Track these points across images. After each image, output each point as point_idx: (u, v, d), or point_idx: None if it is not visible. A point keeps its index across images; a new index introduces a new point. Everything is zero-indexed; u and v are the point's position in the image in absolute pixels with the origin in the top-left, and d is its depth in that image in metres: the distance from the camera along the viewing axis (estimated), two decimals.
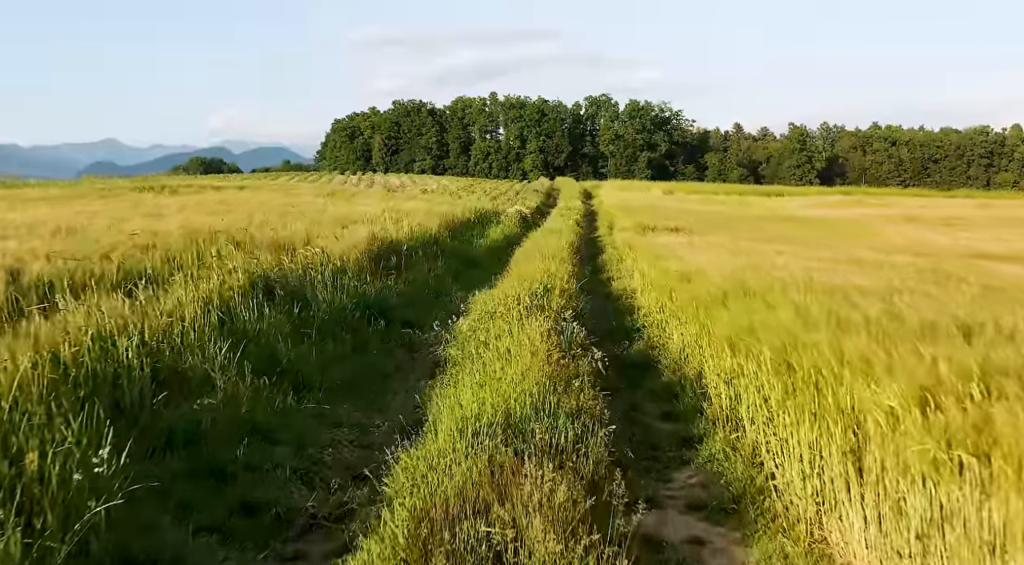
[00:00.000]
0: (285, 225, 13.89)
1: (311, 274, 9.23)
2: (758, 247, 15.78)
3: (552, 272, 12.51)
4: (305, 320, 7.80)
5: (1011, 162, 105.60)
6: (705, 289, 8.04)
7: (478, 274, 16.72)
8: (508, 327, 7.14)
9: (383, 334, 8.77)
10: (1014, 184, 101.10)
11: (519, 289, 9.98)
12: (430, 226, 19.34)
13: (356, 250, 11.99)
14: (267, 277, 8.42)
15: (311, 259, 10.58)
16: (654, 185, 65.04)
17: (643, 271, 13.91)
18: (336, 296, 8.72)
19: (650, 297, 10.77)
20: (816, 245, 18.74)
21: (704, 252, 13.63)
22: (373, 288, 10.14)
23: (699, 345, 7.32)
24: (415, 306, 10.96)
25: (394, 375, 7.57)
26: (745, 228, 23.52)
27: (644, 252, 14.80)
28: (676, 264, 11.35)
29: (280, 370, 6.20)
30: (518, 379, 5.44)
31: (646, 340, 9.43)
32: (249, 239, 11.20)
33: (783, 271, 9.79)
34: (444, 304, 11.94)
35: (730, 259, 11.95)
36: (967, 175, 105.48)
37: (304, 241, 12.16)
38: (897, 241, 23.73)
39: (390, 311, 9.77)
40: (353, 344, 7.87)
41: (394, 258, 12.74)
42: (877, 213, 36.37)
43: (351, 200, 26.03)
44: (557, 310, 8.85)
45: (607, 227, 29.49)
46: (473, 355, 6.57)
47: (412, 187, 57.48)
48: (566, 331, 7.46)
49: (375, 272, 11.63)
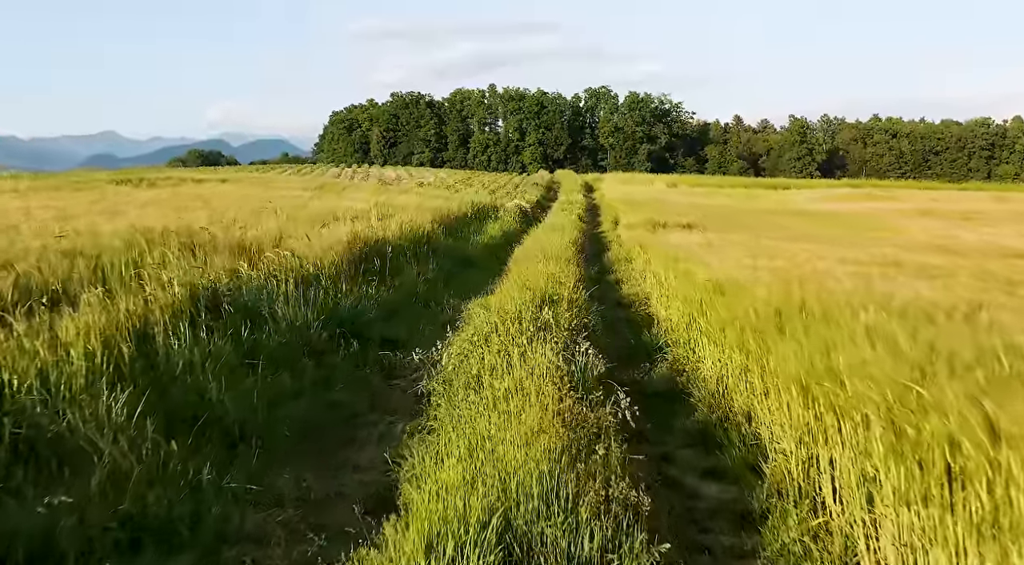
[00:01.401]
0: (257, 223, 12.38)
1: (273, 284, 7.73)
2: (783, 246, 14.29)
3: (556, 276, 11.05)
4: (257, 346, 6.31)
5: (1012, 154, 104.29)
6: (748, 305, 6.55)
7: (475, 276, 15.22)
8: (506, 360, 5.66)
9: (357, 358, 7.28)
10: (1015, 176, 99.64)
11: (519, 299, 8.50)
12: (423, 222, 17.83)
13: (333, 252, 10.49)
14: (214, 290, 6.93)
15: (278, 264, 9.09)
16: (657, 178, 63.38)
17: (657, 275, 12.42)
18: (300, 312, 7.22)
19: (673, 309, 9.29)
20: (841, 243, 17.26)
21: (725, 253, 12.13)
22: (349, 299, 8.65)
23: (746, 378, 5.83)
24: (400, 318, 9.47)
25: (366, 415, 6.09)
26: (759, 224, 22.05)
27: (658, 253, 13.31)
28: (701, 270, 9.86)
29: (206, 421, 4.72)
30: (520, 443, 3.97)
31: (670, 362, 7.95)
32: (209, 240, 9.70)
33: (830, 280, 8.32)
34: (434, 315, 10.45)
35: (758, 262, 10.48)
36: (968, 167, 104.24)
37: (274, 242, 10.65)
38: (921, 237, 22.27)
39: (368, 327, 8.27)
40: (315, 375, 6.37)
41: (378, 261, 11.24)
42: (890, 207, 34.87)
43: (340, 194, 24.49)
44: (566, 327, 7.38)
45: (611, 222, 27.99)
46: (461, 401, 5.09)
47: (408, 180, 55.90)
48: (578, 360, 5.98)
49: (354, 278, 10.13)
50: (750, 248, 13.19)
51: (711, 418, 6.18)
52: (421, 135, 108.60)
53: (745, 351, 6.00)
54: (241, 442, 4.82)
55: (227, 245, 9.72)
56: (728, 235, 16.48)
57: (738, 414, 5.81)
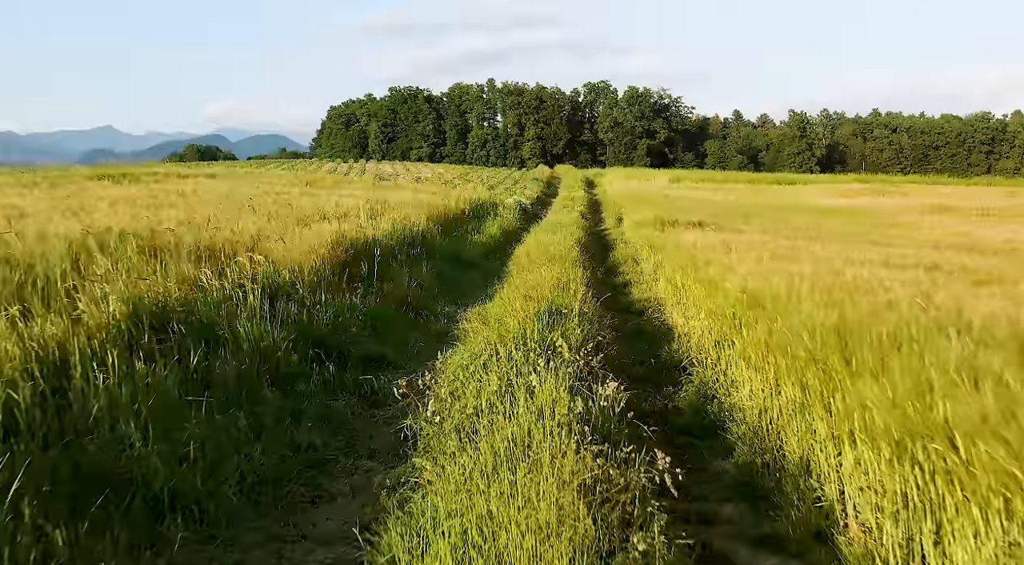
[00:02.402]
0: (234, 223, 11.30)
1: (238, 296, 6.65)
2: (806, 247, 13.22)
3: (562, 281, 10.00)
4: (210, 375, 5.23)
5: (1012, 149, 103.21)
6: (796, 324, 5.48)
7: (473, 278, 14.16)
8: (508, 395, 4.60)
9: (333, 384, 6.20)
10: (1015, 171, 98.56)
11: (522, 312, 7.43)
12: (417, 221, 16.77)
13: (314, 256, 9.41)
14: (164, 306, 5.86)
15: (249, 271, 8.02)
16: (659, 173, 62.19)
17: (672, 279, 11.35)
18: (267, 330, 6.14)
19: (696, 322, 8.21)
20: (864, 242, 16.20)
21: (747, 255, 11.04)
22: (329, 311, 7.56)
23: (805, 418, 4.75)
24: (387, 331, 8.40)
25: (339, 460, 5.01)
26: (773, 221, 20.95)
27: (671, 255, 12.23)
28: (724, 275, 8.79)
29: (127, 485, 3.65)
30: (531, 540, 2.90)
31: (697, 386, 6.87)
32: (173, 243, 8.63)
33: (879, 289, 7.26)
34: (427, 326, 9.39)
35: (788, 267, 9.41)
36: (968, 162, 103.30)
37: (249, 245, 9.58)
38: (943, 235, 21.21)
39: (349, 344, 7.21)
40: (280, 409, 5.28)
41: (365, 265, 10.17)
42: (902, 203, 33.78)
43: (331, 190, 23.38)
44: (577, 347, 6.31)
45: (614, 219, 26.91)
46: (450, 459, 4.01)
47: (405, 175, 54.76)
48: (597, 395, 4.91)
49: (337, 285, 9.05)
50: (772, 249, 12.12)
51: (755, 463, 5.12)
52: (419, 130, 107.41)
53: (800, 383, 4.93)
54: (170, 513, 3.75)
55: (194, 248, 8.65)
56: (743, 234, 15.41)
57: (792, 461, 4.75)
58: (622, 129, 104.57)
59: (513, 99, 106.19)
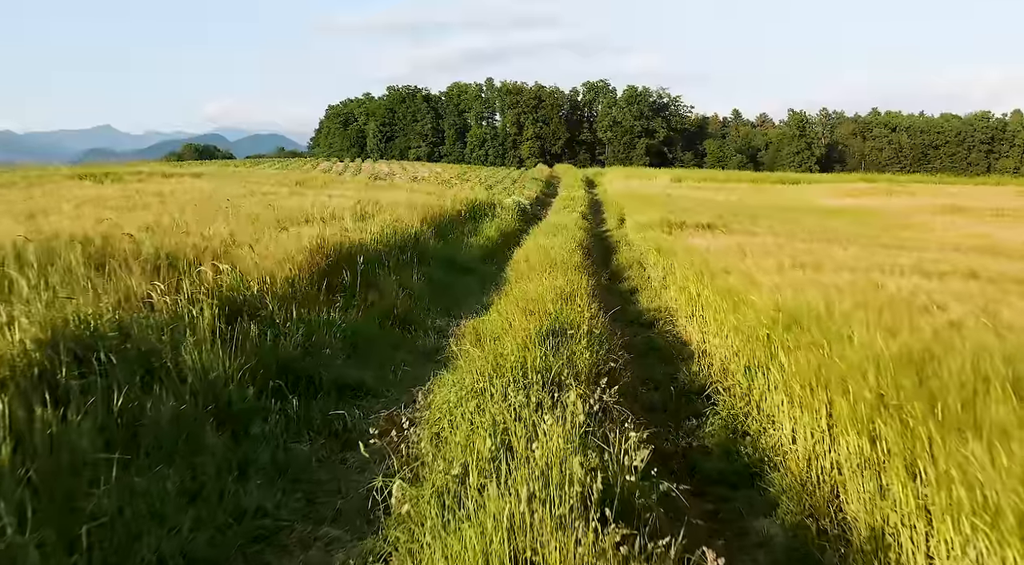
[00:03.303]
0: (207, 226, 10.34)
1: (190, 316, 5.68)
2: (826, 251, 12.27)
3: (565, 291, 9.07)
4: (139, 419, 4.27)
5: (1012, 148, 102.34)
6: (858, 355, 4.52)
7: (468, 285, 13.19)
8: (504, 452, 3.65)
9: (299, 422, 5.24)
10: (1015, 170, 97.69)
11: (522, 331, 6.48)
12: (410, 222, 15.80)
13: (290, 264, 8.44)
14: (93, 332, 4.88)
15: (211, 284, 7.05)
16: (660, 172, 61.19)
17: (684, 288, 10.40)
18: (218, 358, 5.17)
19: (719, 341, 7.26)
20: (885, 245, 15.26)
21: (765, 261, 10.08)
22: (300, 330, 6.59)
23: (878, 482, 3.79)
24: (369, 350, 7.43)
25: (293, 529, 4.04)
26: (784, 223, 20.01)
27: (683, 261, 11.26)
28: (745, 284, 7.84)
29: None
30: None
31: (724, 418, 5.92)
32: (130, 251, 7.66)
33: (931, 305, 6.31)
34: (415, 342, 8.42)
35: (818, 276, 8.46)
36: (967, 161, 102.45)
37: (220, 251, 8.62)
38: (962, 237, 20.31)
39: (323, 369, 6.24)
40: (224, 460, 4.31)
41: (348, 273, 9.20)
42: (912, 203, 32.86)
43: (321, 190, 22.38)
44: (587, 377, 5.36)
45: (616, 220, 25.97)
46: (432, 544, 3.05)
47: (402, 174, 53.77)
48: (614, 445, 3.96)
49: (314, 298, 8.08)
50: (790, 254, 11.17)
51: (807, 527, 4.16)
52: (418, 129, 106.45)
53: (866, 433, 3.97)
54: None
55: (152, 257, 7.69)
56: (756, 237, 14.45)
57: (860, 533, 3.79)
58: (621, 128, 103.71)
59: (512, 98, 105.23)
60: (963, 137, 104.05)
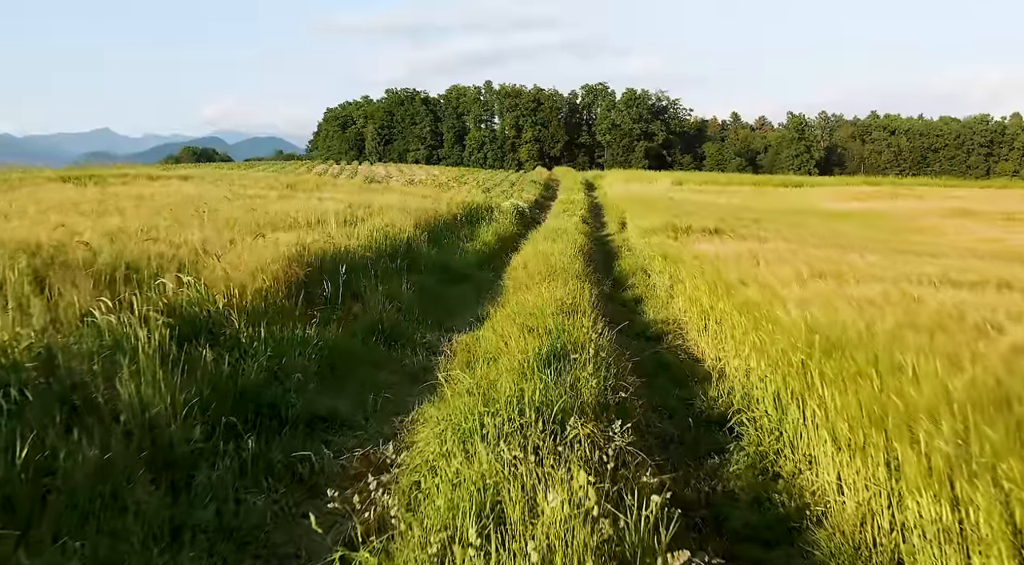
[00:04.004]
0: (180, 232, 9.58)
1: (134, 339, 4.91)
2: (842, 258, 11.50)
3: (567, 304, 8.33)
4: (53, 470, 3.50)
5: (1011, 151, 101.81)
6: (924, 394, 3.76)
7: (463, 294, 12.41)
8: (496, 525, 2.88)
9: (256, 465, 4.46)
10: (1014, 173, 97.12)
11: (519, 354, 5.73)
12: (403, 227, 15.05)
13: (263, 275, 7.67)
14: (9, 362, 4.11)
15: (171, 299, 6.29)
16: (660, 175, 60.40)
17: (696, 299, 9.64)
18: (160, 391, 4.40)
19: (739, 362, 6.49)
20: (901, 251, 14.50)
21: (781, 270, 9.31)
22: (267, 350, 5.81)
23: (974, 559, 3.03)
24: (349, 372, 6.66)
25: None
26: (793, 227, 19.24)
27: (693, 269, 10.50)
28: (765, 296, 7.06)
29: None
30: None
31: (752, 456, 5.15)
32: (84, 259, 6.90)
33: (989, 327, 5.55)
34: (401, 361, 7.62)
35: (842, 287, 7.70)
36: (967, 164, 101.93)
37: (187, 260, 7.85)
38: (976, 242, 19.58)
39: (293, 396, 5.46)
40: (152, 526, 3.55)
41: (329, 284, 8.42)
42: (920, 206, 32.13)
43: (312, 193, 21.60)
44: (595, 411, 4.61)
45: (617, 224, 25.22)
46: None
47: (399, 177, 53.01)
48: (631, 511, 3.19)
49: (289, 312, 7.31)
50: (806, 262, 10.39)
51: None
52: (416, 132, 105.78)
53: (945, 495, 3.20)
54: None
55: (108, 267, 6.92)
56: (767, 243, 13.69)
57: None
58: (620, 131, 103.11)
59: (510, 101, 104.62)
60: (962, 140, 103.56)
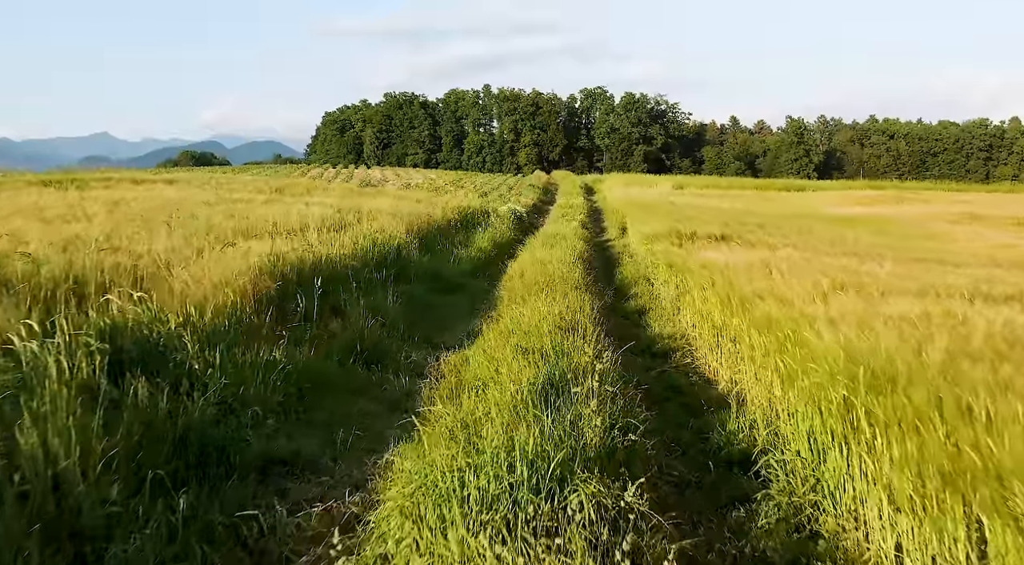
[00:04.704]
0: (148, 240, 8.81)
1: (60, 372, 4.13)
2: (862, 268, 10.76)
3: (567, 319, 7.58)
4: None
5: (1011, 155, 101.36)
6: (1014, 457, 2.99)
7: (455, 305, 11.65)
8: None
9: (191, 529, 3.68)
10: (1013, 177, 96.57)
11: (512, 385, 4.97)
12: (395, 233, 14.30)
13: (230, 288, 6.89)
14: None
15: (122, 318, 5.52)
16: (660, 179, 59.61)
17: (706, 313, 8.86)
18: (70, 440, 3.61)
19: (764, 392, 5.72)
20: (922, 260, 13.76)
21: (800, 281, 8.55)
22: (221, 380, 5.04)
23: None
24: (319, 400, 5.88)
25: None
26: (799, 232, 18.48)
27: (701, 279, 9.73)
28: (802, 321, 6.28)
29: None
30: None
31: (784, 508, 4.37)
32: (23, 272, 6.13)
33: None
34: (381, 386, 6.82)
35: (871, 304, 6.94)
36: (966, 168, 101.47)
37: (147, 272, 7.08)
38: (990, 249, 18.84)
39: (248, 434, 4.69)
40: None
41: (304, 299, 7.63)
42: (927, 211, 31.40)
43: (300, 197, 20.82)
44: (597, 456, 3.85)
45: (617, 229, 24.47)
46: None
47: (395, 181, 52.28)
48: None
49: (255, 331, 6.53)
50: (825, 272, 9.63)
51: None
52: (415, 136, 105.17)
53: None
54: None
55: (52, 281, 6.15)
56: (778, 251, 12.92)
57: None
58: (619, 135, 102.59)
59: (509, 105, 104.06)
60: (961, 144, 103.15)
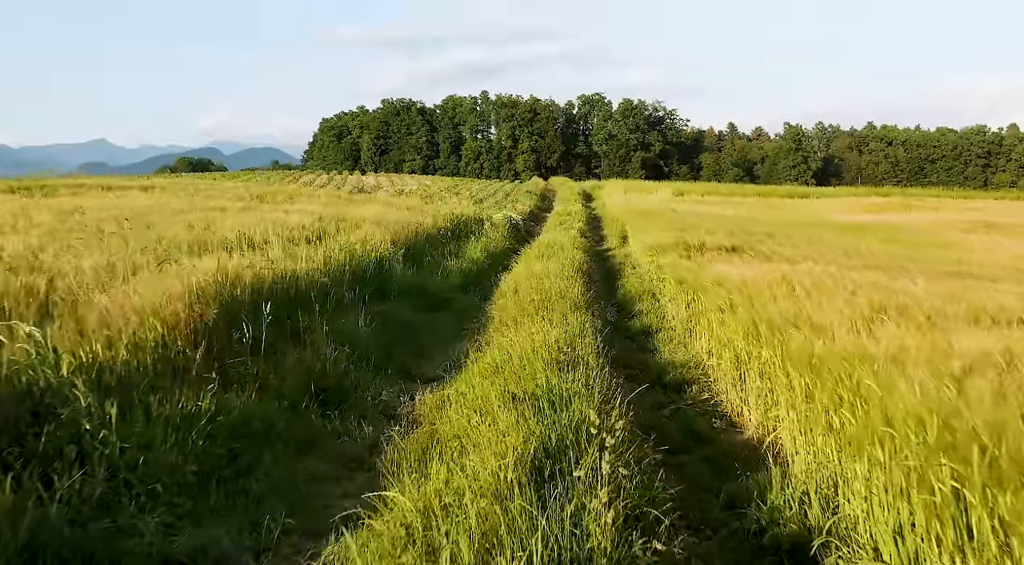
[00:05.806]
0: (77, 256, 7.60)
1: None
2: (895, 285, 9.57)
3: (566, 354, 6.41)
4: None
5: (1009, 162, 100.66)
6: None
7: (440, 325, 10.43)
8: None
9: None
10: (1011, 184, 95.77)
11: (495, 455, 3.79)
12: (380, 243, 13.11)
13: (157, 318, 5.68)
14: None
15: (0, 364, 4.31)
16: (660, 186, 58.43)
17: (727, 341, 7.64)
18: None
19: (810, 459, 4.51)
20: (953, 274, 12.59)
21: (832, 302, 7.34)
22: (113, 447, 3.84)
23: None
24: (255, 463, 4.67)
25: None
26: (811, 242, 17.31)
27: (718, 299, 8.51)
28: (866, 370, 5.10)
29: None
30: None
31: None
32: None
33: None
34: (339, 437, 5.60)
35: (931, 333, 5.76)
36: (964, 175, 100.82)
37: (58, 298, 5.88)
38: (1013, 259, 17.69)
39: (140, 524, 3.48)
40: None
41: (250, 328, 6.41)
42: (937, 218, 30.26)
43: (280, 205, 19.63)
44: None
45: (618, 238, 23.28)
46: None
47: (389, 187, 51.13)
48: None
49: (186, 370, 5.32)
50: (856, 290, 8.44)
51: None
52: (412, 142, 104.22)
53: None
54: None
55: None
56: (798, 264, 11.72)
57: None
58: (616, 141, 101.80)
59: (507, 111, 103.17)
60: (959, 151, 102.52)
